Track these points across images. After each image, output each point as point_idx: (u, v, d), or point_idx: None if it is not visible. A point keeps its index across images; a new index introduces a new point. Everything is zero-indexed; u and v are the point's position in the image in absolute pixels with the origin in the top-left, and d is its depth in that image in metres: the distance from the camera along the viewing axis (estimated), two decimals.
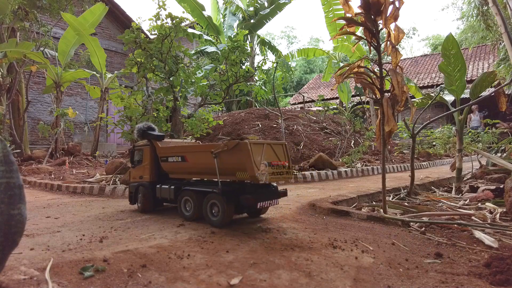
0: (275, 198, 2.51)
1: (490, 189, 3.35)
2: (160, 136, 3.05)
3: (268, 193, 2.47)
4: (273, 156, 2.42)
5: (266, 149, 2.39)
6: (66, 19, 8.24)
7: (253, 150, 2.25)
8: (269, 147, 2.42)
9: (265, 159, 2.34)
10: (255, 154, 2.27)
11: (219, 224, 2.38)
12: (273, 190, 2.54)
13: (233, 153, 2.32)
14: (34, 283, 1.41)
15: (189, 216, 2.61)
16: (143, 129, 3.08)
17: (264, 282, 1.48)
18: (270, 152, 2.41)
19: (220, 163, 2.40)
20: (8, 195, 1.17)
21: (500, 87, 3.34)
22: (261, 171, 2.34)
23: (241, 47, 5.22)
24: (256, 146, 2.32)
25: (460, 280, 1.51)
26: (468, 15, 12.32)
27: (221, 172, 2.42)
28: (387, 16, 2.57)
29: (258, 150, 2.32)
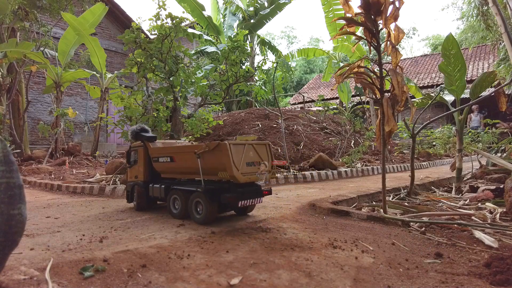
0: (258, 196, 2.57)
1: (490, 189, 3.35)
2: (152, 137, 3.18)
3: (250, 192, 2.51)
4: (255, 157, 2.50)
5: (248, 150, 2.47)
6: (66, 19, 8.23)
7: (232, 150, 2.34)
8: (251, 147, 2.50)
9: (246, 159, 2.42)
10: (235, 154, 2.36)
11: (202, 221, 2.48)
12: (256, 189, 2.58)
13: (214, 154, 2.42)
14: (34, 283, 1.41)
15: (177, 214, 2.73)
16: (136, 131, 3.22)
17: (264, 282, 1.48)
18: (251, 153, 2.50)
19: (203, 163, 2.50)
20: (8, 195, 1.16)
21: (500, 87, 3.34)
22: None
23: (241, 47, 5.22)
24: (236, 147, 2.40)
25: (460, 280, 1.51)
26: (468, 15, 12.32)
27: (204, 172, 2.52)
28: (387, 16, 2.57)
29: (238, 150, 2.40)
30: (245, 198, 2.44)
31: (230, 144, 2.35)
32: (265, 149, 2.61)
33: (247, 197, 2.46)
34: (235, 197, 2.38)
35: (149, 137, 3.15)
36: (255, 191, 2.57)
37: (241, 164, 2.38)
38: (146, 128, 3.27)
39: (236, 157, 2.35)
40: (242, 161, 2.40)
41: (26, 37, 9.28)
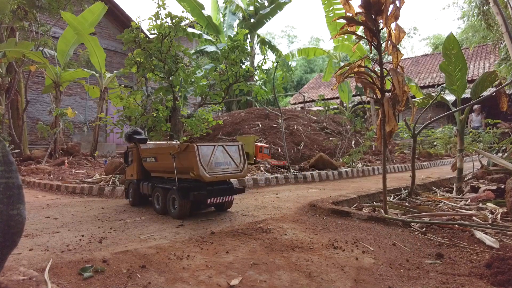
0: (228, 194, 2.78)
1: (491, 189, 3.34)
2: (142, 139, 3.45)
3: (221, 190, 2.71)
4: (226, 157, 2.70)
5: (217, 151, 2.67)
6: (65, 18, 8.22)
7: (200, 152, 2.54)
8: (222, 148, 2.71)
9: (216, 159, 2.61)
10: (203, 155, 2.55)
11: (176, 216, 2.68)
12: (227, 188, 2.79)
13: (185, 155, 2.61)
14: (33, 283, 1.40)
15: (159, 209, 2.94)
16: (129, 133, 3.52)
17: (264, 283, 1.47)
18: (222, 153, 2.69)
19: (178, 163, 2.69)
20: (7, 196, 1.15)
21: (501, 87, 3.33)
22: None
23: (241, 46, 5.21)
24: (205, 148, 2.60)
25: (461, 281, 1.50)
26: (469, 14, 12.31)
27: (179, 171, 2.71)
28: (387, 15, 2.56)
29: (207, 151, 2.60)
30: (214, 196, 2.66)
31: (198, 146, 2.55)
32: (237, 150, 2.80)
33: (216, 194, 2.67)
34: (203, 195, 2.58)
35: (139, 139, 3.42)
36: (226, 189, 2.76)
37: (209, 165, 2.57)
38: (139, 131, 3.58)
39: (204, 158, 2.55)
40: (211, 162, 2.58)
41: (25, 36, 9.27)
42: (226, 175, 2.70)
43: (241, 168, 2.79)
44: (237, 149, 2.81)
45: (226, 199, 2.79)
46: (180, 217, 2.67)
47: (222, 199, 2.74)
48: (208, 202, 2.65)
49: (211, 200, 2.65)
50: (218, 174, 2.62)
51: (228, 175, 2.71)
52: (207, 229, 2.37)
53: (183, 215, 2.68)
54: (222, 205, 2.96)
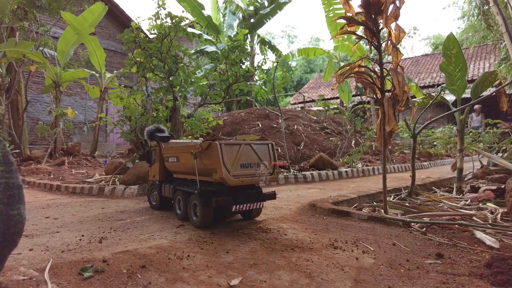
0: (257, 201, 2.40)
1: (491, 189, 3.34)
2: (165, 137, 3.18)
3: (248, 196, 2.35)
4: (253, 157, 2.35)
5: (244, 150, 2.32)
6: (65, 18, 8.22)
7: (224, 151, 2.22)
8: (248, 148, 2.35)
9: (241, 160, 2.28)
10: (227, 155, 2.22)
11: (198, 225, 2.38)
12: (255, 193, 2.42)
13: (207, 154, 2.31)
14: (33, 283, 1.41)
15: (180, 215, 2.68)
16: (151, 131, 3.26)
17: (264, 283, 1.47)
18: (249, 153, 2.34)
19: (199, 163, 2.40)
20: (7, 196, 1.16)
21: (501, 86, 3.33)
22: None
23: (241, 46, 5.20)
24: (230, 147, 2.27)
25: (461, 281, 1.50)
26: (469, 14, 12.31)
27: (202, 172, 2.41)
28: (387, 15, 2.56)
29: (232, 151, 2.27)
30: (240, 202, 2.29)
31: (221, 145, 2.23)
32: (266, 149, 2.44)
33: (242, 201, 2.31)
34: (227, 201, 2.25)
35: (161, 137, 3.15)
36: (254, 194, 2.40)
37: (234, 166, 2.24)
38: (161, 128, 3.29)
39: (228, 158, 2.22)
40: (236, 163, 2.25)
41: (25, 36, 9.27)
42: (254, 179, 2.32)
43: (271, 170, 2.42)
44: (266, 149, 2.45)
45: (254, 206, 2.40)
46: (201, 226, 2.37)
47: (250, 206, 2.36)
48: (233, 209, 2.28)
49: (236, 207, 2.28)
50: (244, 177, 2.26)
51: (256, 179, 2.33)
52: (207, 229, 2.37)
53: (205, 224, 2.37)
54: (250, 213, 2.63)
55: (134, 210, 3.17)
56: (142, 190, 4.14)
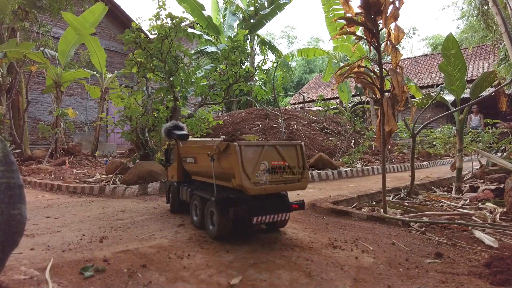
0: (282, 211, 2.08)
1: (490, 189, 3.35)
2: (183, 135, 2.91)
3: (272, 205, 2.06)
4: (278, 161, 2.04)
5: (267, 153, 1.99)
6: (66, 19, 8.23)
7: (243, 154, 1.90)
8: (273, 150, 2.02)
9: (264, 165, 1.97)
10: (247, 159, 1.91)
11: (214, 235, 2.12)
12: (280, 202, 2.13)
13: (225, 156, 2.02)
14: (34, 283, 1.41)
15: (196, 222, 2.41)
16: (169, 128, 2.98)
17: (264, 282, 1.48)
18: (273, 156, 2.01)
19: (217, 166, 2.11)
20: (8, 195, 1.16)
21: (501, 87, 3.34)
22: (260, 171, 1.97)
23: (241, 47, 5.22)
24: (250, 149, 1.94)
25: (460, 280, 1.51)
26: (468, 14, 12.33)
27: (220, 177, 2.14)
28: (387, 15, 2.57)
29: (253, 153, 1.94)
30: (262, 213, 1.98)
31: (240, 146, 1.90)
32: (294, 152, 2.10)
33: (264, 211, 2.00)
34: (246, 211, 1.96)
35: (179, 135, 2.88)
36: (279, 204, 2.10)
37: (256, 171, 1.92)
38: (180, 126, 3.00)
39: (248, 162, 1.90)
40: (257, 167, 1.93)
41: (26, 37, 9.28)
42: (278, 187, 2.00)
43: (299, 176, 2.07)
44: (294, 150, 2.10)
45: (279, 218, 2.06)
46: (218, 237, 2.09)
47: (274, 217, 2.03)
48: (255, 221, 1.97)
49: (258, 218, 1.98)
50: (267, 184, 1.94)
51: (282, 187, 2.01)
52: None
53: (222, 235, 2.09)
54: (274, 223, 2.29)
55: (134, 210, 3.17)
56: (142, 190, 4.15)
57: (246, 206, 1.99)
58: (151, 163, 4.71)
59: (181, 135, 2.92)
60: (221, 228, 2.07)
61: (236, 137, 2.05)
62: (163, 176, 4.50)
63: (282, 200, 2.16)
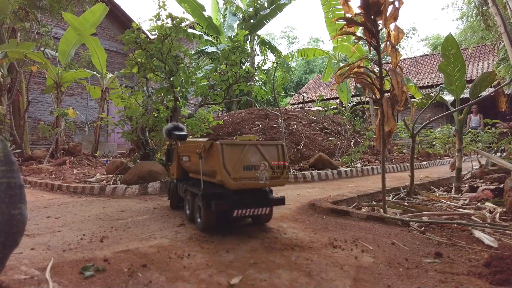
0: (262, 206, 2.22)
1: (490, 188, 3.35)
2: (181, 136, 3.10)
3: (252, 200, 2.20)
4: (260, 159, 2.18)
5: (248, 151, 2.15)
6: (66, 19, 8.24)
7: (225, 152, 2.07)
8: (254, 149, 2.17)
9: (244, 162, 2.11)
10: (228, 156, 2.08)
11: (200, 228, 2.30)
12: (261, 197, 2.27)
13: (210, 154, 2.20)
14: (34, 282, 1.42)
15: (188, 215, 2.61)
16: (169, 128, 3.19)
17: (264, 281, 1.48)
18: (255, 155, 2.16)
19: (204, 164, 2.31)
20: (9, 195, 1.17)
21: (500, 87, 3.34)
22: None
23: (241, 47, 5.22)
24: (232, 148, 2.11)
25: (460, 280, 1.51)
26: (468, 15, 12.34)
27: (207, 173, 2.31)
28: (386, 16, 2.57)
29: (234, 152, 2.11)
30: (242, 207, 2.14)
31: (222, 144, 2.09)
32: (275, 151, 2.24)
33: (245, 205, 2.15)
34: (227, 205, 2.12)
35: (178, 135, 3.09)
36: (259, 199, 2.24)
37: (236, 168, 2.08)
38: (179, 127, 3.22)
39: (229, 159, 2.08)
40: (238, 165, 2.10)
41: (26, 37, 9.29)
42: (257, 183, 2.15)
43: (279, 174, 2.22)
44: (275, 150, 2.25)
45: (259, 212, 2.22)
46: (203, 229, 2.26)
47: (254, 211, 2.20)
48: (235, 214, 2.13)
49: (238, 211, 2.14)
50: (246, 180, 2.10)
51: (261, 183, 2.16)
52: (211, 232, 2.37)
53: (207, 228, 2.26)
54: (259, 217, 2.45)
55: (135, 210, 3.18)
56: (143, 189, 4.16)
57: (227, 200, 2.14)
58: (151, 163, 4.72)
59: (179, 135, 3.11)
60: (206, 221, 2.23)
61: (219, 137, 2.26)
62: (163, 176, 4.51)
63: (263, 196, 2.29)
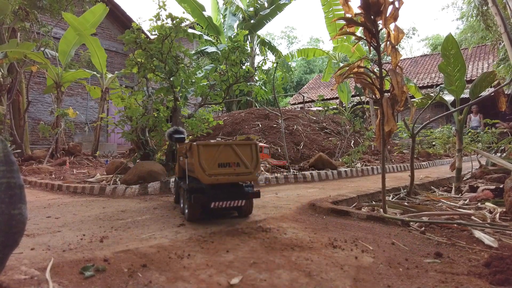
0: (238, 198, 2.54)
1: (490, 188, 3.35)
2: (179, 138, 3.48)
3: (228, 193, 2.50)
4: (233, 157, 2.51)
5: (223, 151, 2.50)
6: (66, 19, 8.25)
7: (201, 152, 2.43)
8: (228, 149, 2.52)
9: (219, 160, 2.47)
10: (205, 155, 2.44)
11: (187, 218, 2.62)
12: (237, 190, 2.56)
13: (190, 154, 2.55)
14: (34, 282, 1.42)
15: (181, 209, 2.90)
16: (170, 132, 3.61)
17: (264, 281, 1.48)
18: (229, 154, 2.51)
19: (188, 162, 2.66)
20: (9, 195, 1.17)
21: (500, 87, 3.34)
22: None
23: (241, 47, 5.22)
24: (208, 148, 2.47)
25: (460, 280, 1.51)
26: (468, 15, 12.35)
27: (191, 170, 2.65)
28: (386, 16, 2.57)
29: (210, 151, 2.46)
30: (218, 200, 2.46)
31: (198, 146, 2.45)
32: (249, 150, 2.59)
33: (221, 198, 2.47)
34: (205, 198, 2.44)
35: (177, 138, 3.45)
36: (235, 193, 2.54)
37: (211, 165, 2.43)
38: (179, 130, 3.62)
39: (205, 158, 2.44)
40: (213, 162, 2.44)
41: (26, 37, 9.30)
42: (230, 178, 2.49)
43: (251, 170, 2.54)
44: (249, 149, 2.59)
45: (235, 204, 2.53)
46: (189, 220, 2.60)
47: (230, 203, 2.50)
48: (212, 206, 2.46)
49: (215, 204, 2.46)
50: (220, 176, 2.45)
51: (234, 178, 2.50)
52: (207, 228, 2.38)
53: (192, 219, 2.59)
54: (240, 210, 2.76)
55: (135, 210, 3.18)
56: (143, 189, 4.16)
57: (206, 194, 2.47)
58: (151, 163, 4.72)
59: (178, 138, 3.49)
60: (190, 211, 2.56)
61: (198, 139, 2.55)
62: (163, 176, 4.51)
63: (239, 190, 2.58)
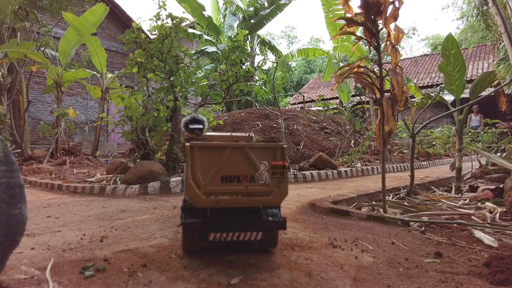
0: (251, 230, 1.56)
1: (490, 188, 3.35)
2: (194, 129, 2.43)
3: (238, 220, 1.55)
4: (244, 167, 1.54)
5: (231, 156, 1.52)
6: (67, 19, 8.24)
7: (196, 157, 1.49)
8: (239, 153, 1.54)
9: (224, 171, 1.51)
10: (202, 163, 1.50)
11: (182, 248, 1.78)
12: (250, 216, 1.58)
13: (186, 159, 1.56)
14: (34, 282, 1.42)
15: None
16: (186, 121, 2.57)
17: (264, 281, 1.48)
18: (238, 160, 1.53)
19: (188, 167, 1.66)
20: (9, 195, 1.17)
21: (500, 87, 3.34)
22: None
23: (241, 47, 5.22)
24: (206, 152, 1.52)
25: (460, 280, 1.51)
26: (468, 15, 12.35)
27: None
28: (387, 16, 2.57)
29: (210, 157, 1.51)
30: (222, 229, 1.52)
31: (193, 147, 1.50)
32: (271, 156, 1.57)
33: (227, 227, 1.52)
34: (199, 225, 1.52)
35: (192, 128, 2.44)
36: (247, 219, 1.56)
37: (211, 179, 1.49)
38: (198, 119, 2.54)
39: (202, 167, 1.50)
40: (214, 175, 1.50)
41: (26, 37, 9.30)
42: (238, 200, 1.51)
43: (272, 188, 1.55)
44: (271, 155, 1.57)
45: (245, 237, 1.56)
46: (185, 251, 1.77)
47: (239, 235, 1.55)
48: (211, 238, 1.53)
49: (215, 235, 1.53)
50: (222, 196, 1.50)
51: (244, 200, 1.51)
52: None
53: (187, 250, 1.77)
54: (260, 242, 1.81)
55: (135, 209, 3.18)
56: (143, 189, 4.16)
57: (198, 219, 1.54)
58: (151, 163, 4.72)
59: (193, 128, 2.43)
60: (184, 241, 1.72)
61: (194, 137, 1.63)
62: (164, 175, 4.51)
63: (254, 216, 1.59)
